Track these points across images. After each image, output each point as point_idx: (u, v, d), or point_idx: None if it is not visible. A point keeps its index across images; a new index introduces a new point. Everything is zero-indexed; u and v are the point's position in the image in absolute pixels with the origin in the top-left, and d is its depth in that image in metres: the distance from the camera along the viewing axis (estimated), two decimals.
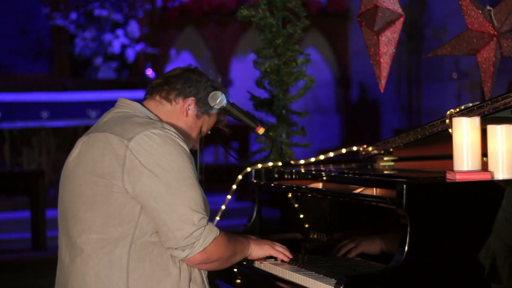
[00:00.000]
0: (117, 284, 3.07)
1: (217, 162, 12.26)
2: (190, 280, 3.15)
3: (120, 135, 3.10)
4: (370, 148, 4.19)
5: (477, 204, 3.15)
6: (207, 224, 3.08)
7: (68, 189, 3.18)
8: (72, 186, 3.16)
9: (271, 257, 3.45)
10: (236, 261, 3.30)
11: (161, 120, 3.24)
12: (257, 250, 3.37)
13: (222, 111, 3.43)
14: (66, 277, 3.15)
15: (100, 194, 3.08)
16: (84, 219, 3.10)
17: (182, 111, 3.32)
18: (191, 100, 3.32)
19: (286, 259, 3.43)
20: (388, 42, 4.01)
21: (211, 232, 3.08)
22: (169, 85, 3.32)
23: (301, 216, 3.84)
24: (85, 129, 10.43)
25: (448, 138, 3.41)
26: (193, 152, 3.47)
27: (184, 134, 3.29)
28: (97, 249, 3.08)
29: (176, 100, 3.31)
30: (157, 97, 3.32)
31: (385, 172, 4.03)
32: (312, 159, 4.28)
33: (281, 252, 3.43)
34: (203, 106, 3.35)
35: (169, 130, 3.13)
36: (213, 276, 3.68)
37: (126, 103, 3.28)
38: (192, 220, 3.04)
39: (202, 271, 3.21)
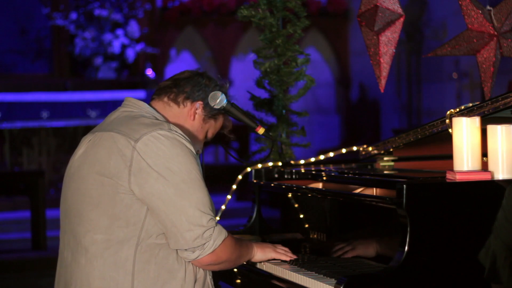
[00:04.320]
0: (122, 286, 3.06)
1: (217, 162, 12.27)
2: (195, 282, 3.14)
3: (127, 135, 3.08)
4: (370, 148, 4.18)
5: (477, 204, 3.15)
6: (216, 225, 3.09)
7: (73, 187, 3.17)
8: (77, 185, 3.15)
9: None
10: (241, 263, 3.31)
11: (167, 121, 3.23)
12: (260, 253, 3.39)
13: (222, 111, 3.43)
14: (68, 275, 3.14)
15: (106, 194, 3.06)
16: (89, 219, 3.09)
17: (189, 115, 3.31)
18: (199, 104, 3.31)
19: (288, 259, 3.44)
20: (388, 42, 4.02)
21: (221, 234, 3.09)
22: (178, 87, 3.30)
23: (301, 216, 3.84)
24: (85, 129, 10.46)
25: (448, 138, 3.40)
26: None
27: (189, 137, 3.27)
28: (102, 249, 3.06)
29: (184, 103, 3.30)
30: (165, 99, 3.30)
31: (385, 172, 4.03)
32: (312, 159, 4.28)
33: (283, 254, 3.44)
34: (210, 110, 3.34)
35: (176, 131, 3.12)
36: (216, 277, 3.68)
37: (132, 102, 3.27)
38: (201, 221, 3.04)
39: (208, 273, 3.20)
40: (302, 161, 4.27)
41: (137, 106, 3.26)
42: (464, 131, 3.28)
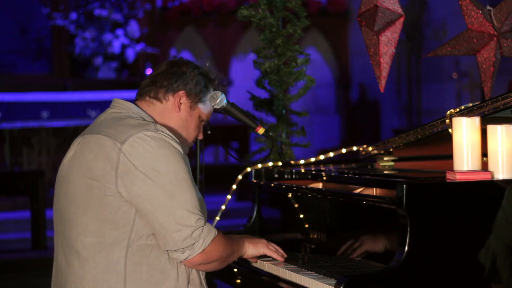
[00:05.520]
0: None
1: (217, 162, 12.26)
2: (188, 282, 3.14)
3: (113, 137, 3.07)
4: (370, 148, 4.19)
5: (477, 204, 3.15)
6: (205, 224, 3.08)
7: (63, 191, 3.16)
8: (67, 189, 3.14)
9: (265, 256, 3.45)
10: (232, 260, 3.29)
11: (155, 121, 3.21)
12: (252, 248, 3.36)
13: (222, 111, 3.42)
14: (63, 279, 3.14)
15: (95, 198, 3.05)
16: (79, 223, 3.08)
17: (174, 107, 3.27)
18: (181, 94, 3.28)
19: (280, 258, 3.43)
20: (388, 42, 4.02)
21: (210, 233, 3.07)
22: (155, 84, 3.27)
23: (301, 216, 3.84)
24: (84, 129, 10.42)
25: (448, 138, 3.41)
26: (192, 152, 3.46)
27: (182, 129, 3.26)
28: (94, 252, 3.06)
29: (165, 97, 3.27)
30: (147, 98, 3.28)
31: (385, 172, 4.03)
32: (312, 159, 4.28)
33: (274, 251, 3.43)
34: (195, 96, 3.30)
35: (163, 131, 3.10)
36: (211, 276, 3.68)
37: (120, 104, 3.25)
38: (189, 221, 3.03)
39: (200, 272, 3.20)
40: (302, 161, 4.27)
41: (125, 107, 3.24)
42: (464, 131, 3.28)
